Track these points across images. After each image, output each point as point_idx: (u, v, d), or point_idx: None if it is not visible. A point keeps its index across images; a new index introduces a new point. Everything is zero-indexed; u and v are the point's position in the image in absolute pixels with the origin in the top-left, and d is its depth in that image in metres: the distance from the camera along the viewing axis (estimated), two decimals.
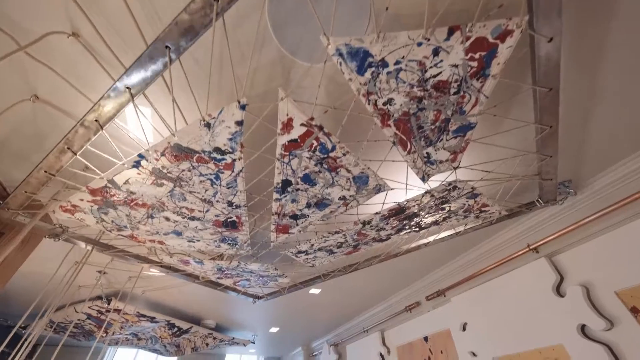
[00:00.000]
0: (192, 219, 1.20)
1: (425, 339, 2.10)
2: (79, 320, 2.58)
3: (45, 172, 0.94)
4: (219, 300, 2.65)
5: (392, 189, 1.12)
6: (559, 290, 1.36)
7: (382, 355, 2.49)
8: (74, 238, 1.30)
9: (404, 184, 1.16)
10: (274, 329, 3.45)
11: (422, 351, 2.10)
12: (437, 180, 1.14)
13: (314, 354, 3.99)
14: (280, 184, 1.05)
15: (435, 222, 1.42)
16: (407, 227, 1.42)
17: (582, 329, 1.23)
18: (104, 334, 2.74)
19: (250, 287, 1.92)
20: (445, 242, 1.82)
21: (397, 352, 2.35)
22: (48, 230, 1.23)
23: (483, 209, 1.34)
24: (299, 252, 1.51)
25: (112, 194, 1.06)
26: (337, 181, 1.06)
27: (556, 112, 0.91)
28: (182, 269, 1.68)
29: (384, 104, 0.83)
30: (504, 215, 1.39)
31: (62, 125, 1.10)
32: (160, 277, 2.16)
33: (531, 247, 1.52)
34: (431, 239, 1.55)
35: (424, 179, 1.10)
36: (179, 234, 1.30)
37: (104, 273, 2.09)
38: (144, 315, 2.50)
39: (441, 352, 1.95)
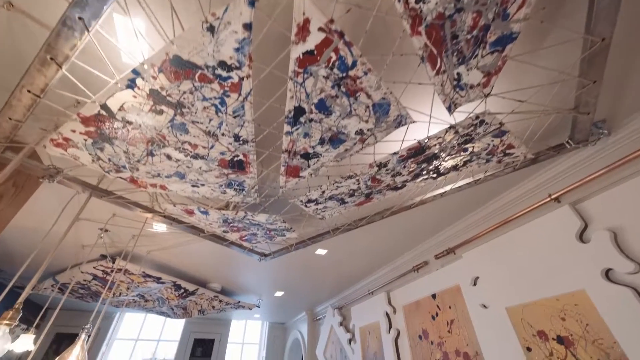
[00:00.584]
0: (196, 157, 1.11)
1: (434, 296, 2.10)
2: (84, 280, 2.58)
3: (29, 91, 0.83)
4: (225, 263, 2.64)
5: (413, 122, 1.02)
6: (582, 237, 1.30)
7: (387, 315, 2.51)
8: (70, 181, 1.22)
9: (427, 116, 1.06)
10: (279, 293, 3.49)
11: (430, 308, 2.10)
12: (464, 112, 1.03)
13: (317, 318, 4.08)
14: (293, 113, 0.95)
15: (455, 167, 1.34)
16: (424, 172, 1.33)
17: (607, 273, 1.18)
18: (111, 295, 2.76)
19: (257, 243, 1.88)
20: (458, 199, 1.75)
21: (403, 311, 2.36)
22: (41, 171, 1.15)
23: (508, 151, 1.25)
24: (309, 201, 1.43)
25: (106, 124, 0.96)
26: (355, 109, 0.96)
27: (614, 20, 0.78)
28: (187, 221, 1.62)
29: (417, 1, 0.71)
30: (528, 159, 1.30)
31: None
32: (165, 235, 2.12)
33: (553, 197, 1.45)
34: (447, 188, 1.47)
35: (450, 108, 1.00)
36: (182, 176, 1.22)
37: (106, 231, 2.04)
38: (149, 276, 2.49)
39: (449, 307, 1.94)
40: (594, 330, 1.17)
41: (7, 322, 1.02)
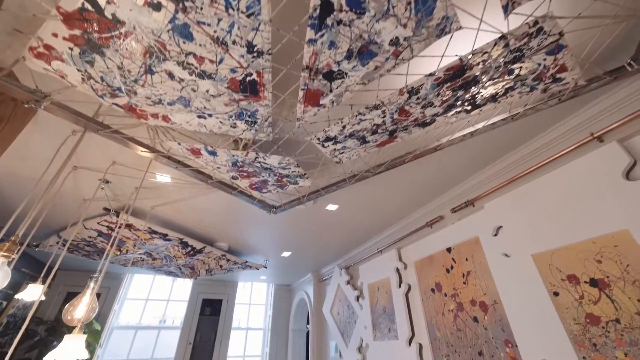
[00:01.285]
0: (202, 75, 0.95)
1: (449, 249, 2.04)
2: (89, 237, 2.53)
3: None
4: (232, 220, 2.57)
5: (460, 28, 0.86)
6: (628, 175, 1.18)
7: (398, 271, 2.49)
8: (61, 108, 1.07)
9: (476, 21, 0.89)
10: (286, 254, 3.49)
11: (444, 261, 2.06)
12: (522, 14, 0.87)
13: (323, 279, 4.14)
14: (318, 10, 0.78)
15: (494, 97, 1.19)
16: (458, 102, 1.18)
17: None
18: (118, 252, 2.73)
19: (267, 193, 1.78)
20: (479, 146, 1.62)
21: (414, 266, 2.33)
22: (26, 96, 1.00)
23: (558, 75, 1.09)
24: (327, 139, 1.30)
25: (94, 25, 0.80)
26: (393, 6, 0.79)
27: None
28: (194, 167, 1.50)
29: None
30: (579, 86, 1.15)
31: None
32: (169, 187, 2.01)
33: (595, 136, 1.31)
34: (480, 125, 1.33)
35: (507, 7, 0.83)
36: (186, 103, 1.07)
37: (107, 182, 1.93)
38: (155, 232, 2.43)
39: (466, 259, 1.89)
40: (635, 271, 1.10)
41: (4, 253, 0.93)
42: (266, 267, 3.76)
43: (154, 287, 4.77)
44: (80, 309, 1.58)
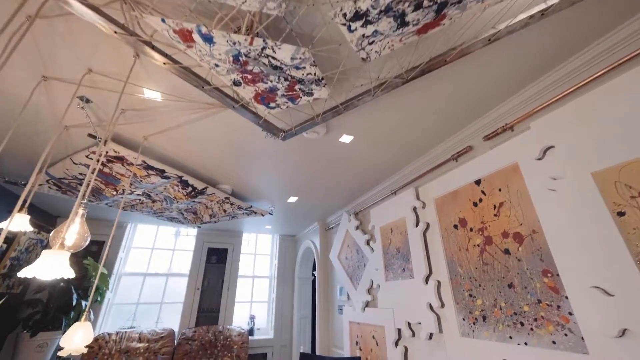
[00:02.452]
0: None
1: (477, 182, 1.83)
2: (81, 175, 2.32)
3: None
4: (234, 157, 2.34)
5: None
6: None
7: (415, 210, 2.32)
8: None
9: None
10: (292, 199, 3.33)
11: (471, 195, 1.87)
12: None
13: (330, 227, 4.05)
14: None
15: None
16: None
17: None
18: (114, 192, 2.55)
19: (275, 109, 1.51)
20: (539, 45, 1.31)
21: (434, 204, 2.15)
22: None
23: None
24: (356, 15, 0.99)
25: None
26: None
27: None
28: (186, 66, 1.21)
29: None
30: None
31: None
32: (160, 109, 1.74)
33: None
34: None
35: None
36: None
37: (88, 101, 1.65)
38: (151, 167, 2.21)
39: (499, 190, 1.69)
40: None
41: None
42: (272, 214, 3.64)
43: (159, 238, 4.74)
44: (70, 235, 1.41)
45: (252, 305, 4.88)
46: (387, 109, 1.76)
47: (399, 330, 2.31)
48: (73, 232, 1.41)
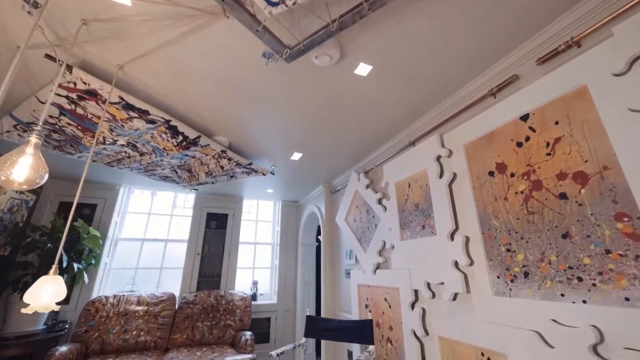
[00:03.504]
0: None
1: (524, 117, 1.51)
2: (53, 118, 2.00)
3: None
4: (231, 106, 2.00)
5: None
6: None
7: (439, 159, 2.02)
8: None
9: None
10: (296, 156, 3.02)
11: (515, 134, 1.55)
12: None
13: (336, 190, 3.78)
14: None
15: None
16: None
17: None
18: (91, 139, 2.23)
19: (279, 7, 1.15)
20: None
21: (464, 151, 1.85)
22: None
23: None
24: None
25: None
26: None
27: None
28: None
29: None
30: None
31: None
32: (132, 18, 1.37)
33: None
34: None
35: None
36: None
37: (35, 5, 1.28)
38: (132, 107, 1.88)
39: (555, 122, 1.37)
40: None
41: None
42: (273, 174, 3.35)
43: (156, 204, 4.51)
44: (21, 168, 1.12)
45: (254, 271, 4.76)
46: (417, 28, 1.39)
47: (416, 292, 2.10)
48: (26, 164, 1.11)
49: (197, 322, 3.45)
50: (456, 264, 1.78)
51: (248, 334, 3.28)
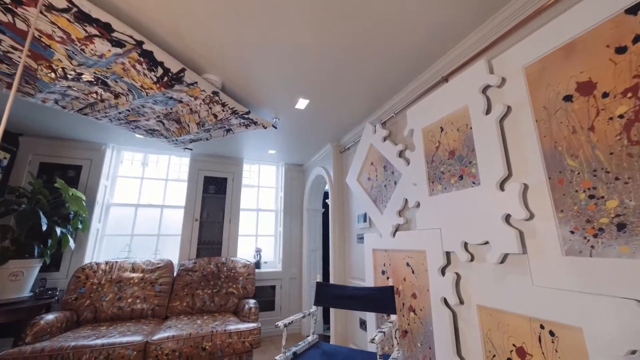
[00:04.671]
0: None
1: (632, 9, 1.06)
2: None
3: None
4: (226, 38, 1.53)
5: None
6: None
7: (485, 91, 1.59)
8: None
9: None
10: (302, 103, 2.58)
11: (614, 36, 1.11)
12: None
13: (346, 148, 3.37)
14: None
15: None
16: None
17: None
18: (51, 74, 1.80)
19: None
20: None
21: (524, 75, 1.41)
22: None
23: None
24: None
25: None
26: None
27: None
28: None
29: None
30: None
31: None
32: None
33: None
34: None
35: None
36: None
37: None
38: (88, 18, 1.42)
39: None
40: None
41: None
42: (276, 127, 2.93)
43: (148, 168, 4.15)
44: None
45: (257, 238, 4.50)
46: None
47: (448, 255, 1.77)
48: None
49: (197, 290, 3.22)
50: (508, 218, 1.41)
51: (252, 302, 3.05)
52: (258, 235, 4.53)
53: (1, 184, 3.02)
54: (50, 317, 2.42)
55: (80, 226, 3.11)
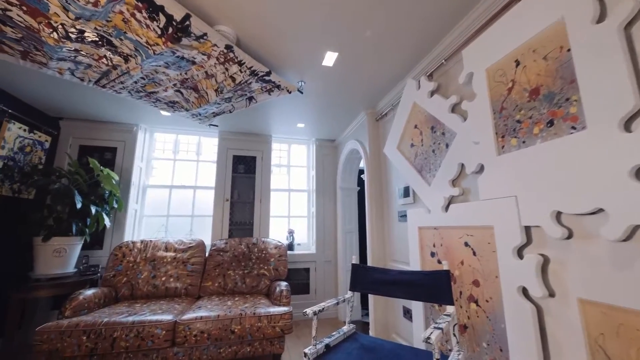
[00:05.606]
0: None
1: None
2: None
3: None
4: None
5: None
6: None
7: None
8: None
9: None
10: (330, 57, 2.19)
11: None
12: None
13: (383, 114, 2.93)
14: None
15: None
16: None
17: None
18: (53, 33, 1.65)
19: None
20: None
21: None
22: None
23: None
24: None
25: None
26: None
27: None
28: None
29: None
30: None
31: None
32: None
33: None
34: None
35: None
36: None
37: None
38: None
39: None
40: None
41: None
42: (302, 92, 2.60)
43: (181, 150, 4.13)
44: None
45: (290, 220, 4.31)
46: None
47: (528, 230, 1.32)
48: None
49: (228, 270, 3.12)
50: (639, 173, 0.93)
51: (283, 284, 2.86)
52: (290, 216, 4.33)
53: (45, 166, 3.15)
54: (88, 292, 2.45)
55: (115, 205, 3.15)
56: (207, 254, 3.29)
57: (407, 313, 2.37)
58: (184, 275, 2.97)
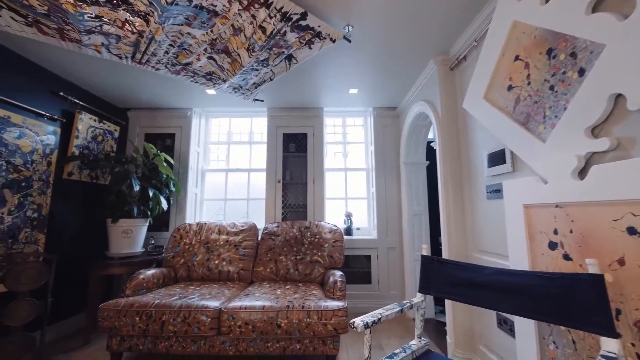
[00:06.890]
0: None
1: None
2: None
3: None
4: None
5: None
6: None
7: None
8: None
9: None
10: None
11: None
12: None
13: (459, 58, 2.19)
14: None
15: None
16: None
17: None
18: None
19: None
20: None
21: None
22: None
23: None
24: None
25: None
26: None
27: None
28: None
29: None
30: None
31: None
32: None
33: None
34: None
35: None
36: None
37: None
38: None
39: None
40: None
41: None
42: (349, 40, 2.08)
43: (235, 133, 4.08)
44: None
45: (347, 202, 3.89)
46: None
47: None
48: None
49: (280, 256, 2.89)
50: None
51: (338, 274, 2.48)
52: (348, 198, 3.90)
53: (117, 154, 3.39)
54: (148, 272, 2.50)
55: (173, 188, 3.21)
56: (259, 238, 3.13)
57: (505, 323, 1.72)
58: (236, 259, 2.86)
